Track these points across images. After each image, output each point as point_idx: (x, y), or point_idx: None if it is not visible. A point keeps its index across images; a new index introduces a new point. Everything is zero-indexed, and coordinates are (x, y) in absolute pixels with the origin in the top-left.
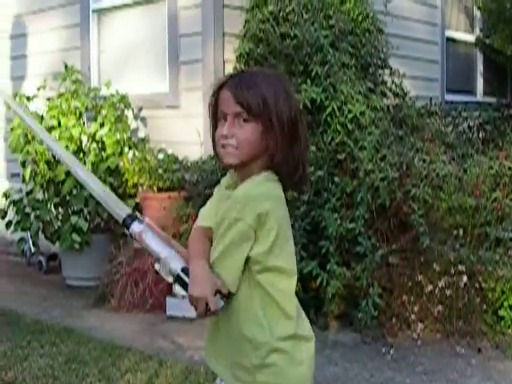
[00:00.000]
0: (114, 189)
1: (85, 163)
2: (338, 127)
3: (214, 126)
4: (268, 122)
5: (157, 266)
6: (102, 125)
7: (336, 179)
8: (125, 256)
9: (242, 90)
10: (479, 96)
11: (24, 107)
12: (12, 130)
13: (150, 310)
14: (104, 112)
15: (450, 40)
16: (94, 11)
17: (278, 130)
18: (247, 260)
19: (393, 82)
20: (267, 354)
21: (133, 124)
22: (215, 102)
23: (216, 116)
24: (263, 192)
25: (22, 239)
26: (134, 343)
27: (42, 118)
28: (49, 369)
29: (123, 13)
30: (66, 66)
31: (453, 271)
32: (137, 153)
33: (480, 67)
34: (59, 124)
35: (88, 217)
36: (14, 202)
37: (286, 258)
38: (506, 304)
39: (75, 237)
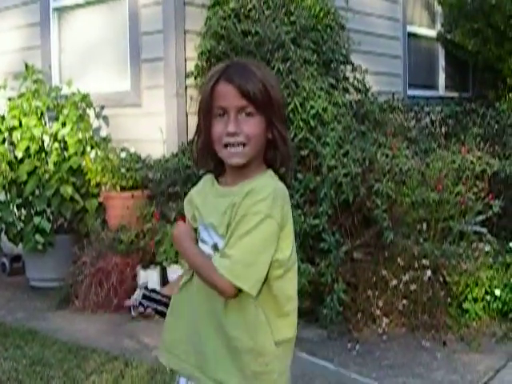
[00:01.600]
0: (76, 188)
1: (47, 163)
2: (301, 123)
3: (207, 123)
4: (271, 113)
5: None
6: (63, 124)
7: (299, 175)
8: (88, 256)
9: (246, 81)
10: (441, 91)
11: None
12: None
13: (115, 310)
14: (66, 111)
15: (412, 35)
16: (54, 10)
17: (278, 119)
18: (274, 264)
19: (355, 77)
20: (270, 360)
21: (95, 123)
22: (210, 97)
23: (210, 113)
24: (284, 191)
25: None
26: (99, 344)
27: (2, 118)
28: (13, 372)
29: (84, 11)
30: (26, 66)
31: (417, 265)
32: (99, 152)
33: (442, 62)
34: (20, 124)
35: (51, 217)
36: None
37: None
38: (470, 297)
39: (38, 238)
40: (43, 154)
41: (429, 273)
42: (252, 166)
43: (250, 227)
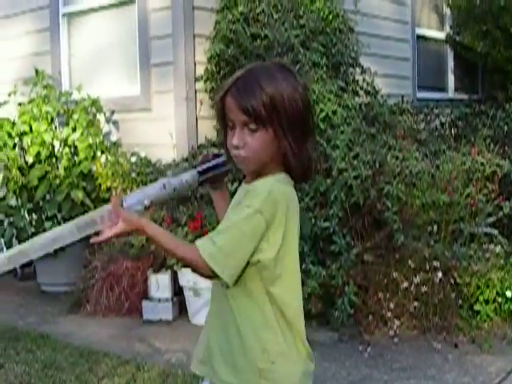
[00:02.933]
0: (87, 193)
1: (57, 168)
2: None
3: (224, 130)
4: (278, 126)
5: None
6: (74, 129)
7: None
8: (99, 261)
9: (248, 98)
10: (451, 93)
11: None
12: None
13: (126, 314)
14: (76, 116)
15: (421, 37)
16: (63, 15)
17: (289, 130)
18: (258, 265)
19: (364, 80)
20: (275, 358)
21: (105, 128)
22: (222, 108)
23: (224, 121)
24: (284, 194)
25: None
26: (111, 348)
27: (13, 123)
28: (25, 376)
29: (93, 16)
30: (36, 71)
31: (428, 267)
32: (109, 157)
33: (451, 64)
34: (31, 129)
35: (62, 222)
36: None
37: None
38: (481, 298)
39: None
40: (54, 159)
41: (440, 275)
42: (264, 170)
43: (239, 218)
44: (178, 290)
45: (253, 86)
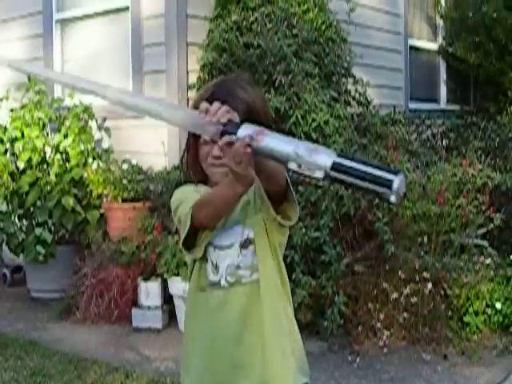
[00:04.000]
0: (78, 200)
1: (49, 174)
2: (302, 136)
3: (196, 141)
4: None
5: (293, 166)
6: (65, 136)
7: (300, 188)
8: (90, 268)
9: (231, 103)
10: (443, 104)
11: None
12: None
13: (116, 321)
14: (68, 123)
15: (413, 48)
16: (57, 21)
17: None
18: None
19: (356, 90)
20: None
21: (97, 134)
22: None
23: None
24: None
25: None
26: (100, 355)
27: (5, 129)
28: (14, 383)
29: (86, 23)
30: (29, 77)
31: (418, 278)
32: (101, 163)
33: (443, 75)
34: (22, 135)
35: (52, 228)
36: None
37: None
38: (470, 310)
39: (39, 249)
40: (45, 165)
41: (430, 286)
42: None
43: None
44: (167, 298)
45: (230, 95)
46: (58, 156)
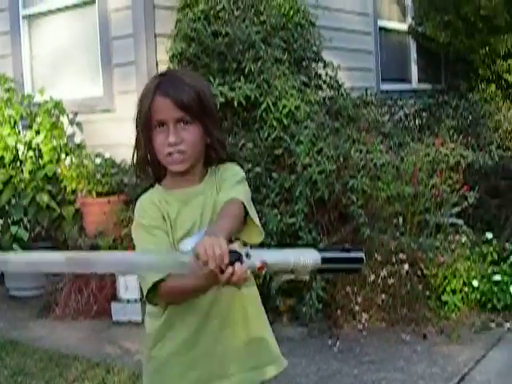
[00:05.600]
0: (52, 196)
1: (22, 172)
2: (274, 123)
3: (148, 136)
4: (206, 119)
5: (287, 277)
6: (37, 132)
7: (274, 175)
8: None
9: (180, 93)
10: (414, 84)
11: None
12: None
13: (96, 316)
14: (39, 119)
15: (383, 29)
16: (24, 17)
17: (214, 123)
18: None
19: (327, 74)
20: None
21: (69, 130)
22: (148, 112)
23: (150, 126)
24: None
25: None
26: (81, 351)
27: None
28: None
29: (54, 18)
30: None
31: (394, 260)
32: (74, 159)
33: (414, 55)
34: None
35: (28, 226)
36: None
37: None
38: (448, 289)
39: (16, 247)
40: (18, 163)
41: (406, 267)
42: (194, 170)
43: (238, 180)
44: None
45: (180, 84)
46: (31, 153)
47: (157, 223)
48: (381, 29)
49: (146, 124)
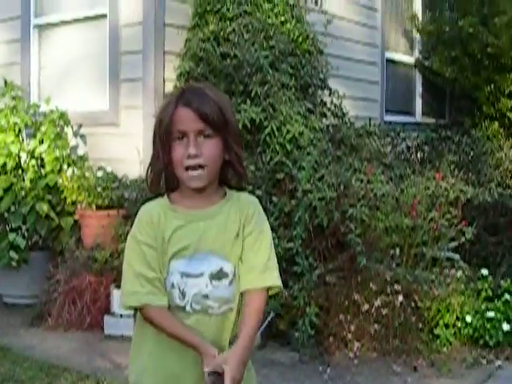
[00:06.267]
0: (52, 206)
1: (23, 180)
2: (277, 147)
3: (167, 147)
4: (227, 135)
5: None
6: (41, 141)
7: (274, 199)
8: (62, 274)
9: (204, 105)
10: (418, 117)
11: None
12: None
13: (88, 328)
14: (43, 129)
15: (390, 61)
16: (35, 26)
17: (235, 138)
18: None
19: (332, 102)
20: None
21: (72, 141)
22: (169, 122)
23: (170, 137)
24: None
25: None
26: (71, 362)
27: None
28: None
29: (64, 29)
30: (5, 82)
31: (389, 290)
32: (76, 170)
33: (419, 88)
34: None
35: (26, 234)
36: None
37: None
38: (441, 323)
39: (13, 254)
40: (20, 171)
41: (401, 298)
42: (211, 187)
43: (267, 236)
44: None
45: (203, 96)
46: (33, 162)
47: (150, 242)
48: (388, 60)
49: (166, 135)
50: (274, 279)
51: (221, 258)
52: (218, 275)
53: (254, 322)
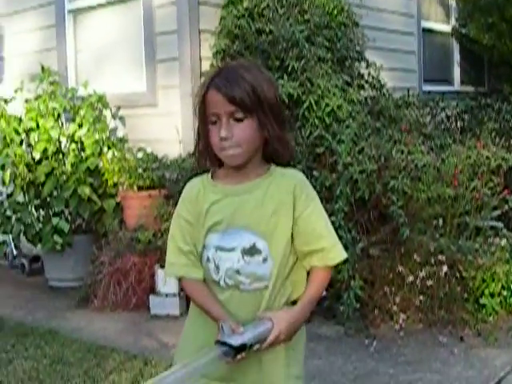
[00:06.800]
0: (94, 189)
1: (64, 164)
2: (316, 121)
3: (205, 128)
4: (261, 114)
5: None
6: (80, 125)
7: (315, 173)
8: (107, 256)
9: (232, 88)
10: (457, 85)
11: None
12: None
13: (134, 309)
14: (82, 112)
15: (427, 30)
16: (69, 12)
17: (271, 119)
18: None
19: (369, 74)
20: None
21: (111, 123)
22: (202, 105)
23: (205, 119)
24: None
25: (3, 242)
26: (119, 343)
27: (20, 120)
28: (33, 371)
29: (99, 12)
30: (42, 68)
31: (433, 261)
32: (116, 152)
33: (457, 57)
34: (37, 126)
35: (69, 218)
36: None
37: None
38: (486, 292)
39: (57, 238)
40: (60, 156)
41: (445, 268)
42: (252, 164)
43: (322, 209)
44: None
45: (235, 78)
46: (74, 146)
47: (188, 217)
48: (424, 30)
49: (202, 116)
50: (339, 255)
51: (254, 234)
52: (251, 251)
53: (315, 294)
